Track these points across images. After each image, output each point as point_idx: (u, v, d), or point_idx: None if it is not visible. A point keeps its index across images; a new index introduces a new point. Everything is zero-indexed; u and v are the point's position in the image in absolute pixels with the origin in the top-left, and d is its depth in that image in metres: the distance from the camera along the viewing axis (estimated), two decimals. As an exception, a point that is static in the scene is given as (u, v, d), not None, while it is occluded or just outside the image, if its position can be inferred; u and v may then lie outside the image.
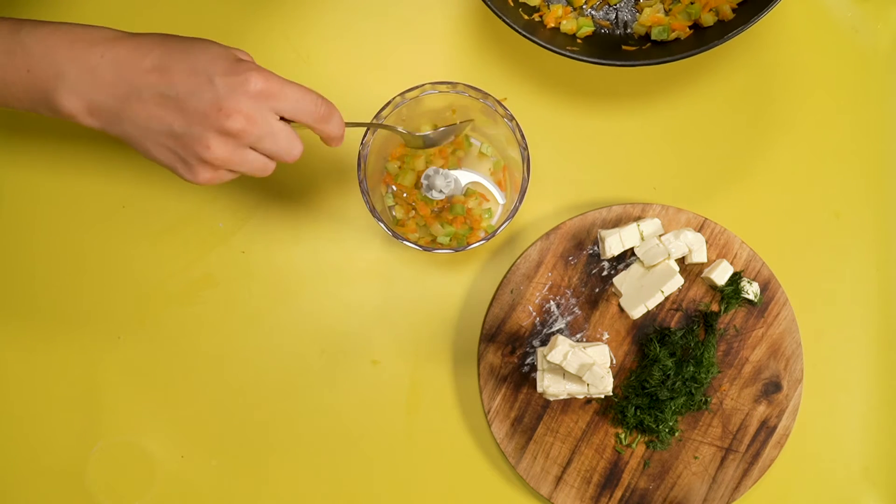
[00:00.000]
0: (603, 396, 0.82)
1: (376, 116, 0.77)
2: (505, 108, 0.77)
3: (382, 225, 0.77)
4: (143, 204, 0.86)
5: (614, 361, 0.84)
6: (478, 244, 0.78)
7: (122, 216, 0.86)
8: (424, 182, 0.77)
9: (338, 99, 0.86)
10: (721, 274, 0.82)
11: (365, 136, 0.77)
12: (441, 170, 0.77)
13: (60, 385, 0.85)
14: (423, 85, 0.77)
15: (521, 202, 0.78)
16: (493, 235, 0.78)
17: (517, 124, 0.77)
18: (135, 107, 0.59)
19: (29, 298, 0.86)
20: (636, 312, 0.81)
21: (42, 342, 0.86)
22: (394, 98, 0.77)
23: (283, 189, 0.86)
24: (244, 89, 0.58)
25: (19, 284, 0.86)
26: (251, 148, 0.61)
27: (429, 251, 0.79)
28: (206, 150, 0.59)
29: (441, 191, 0.77)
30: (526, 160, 0.78)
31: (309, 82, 0.86)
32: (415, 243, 0.77)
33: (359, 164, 0.77)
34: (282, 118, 0.62)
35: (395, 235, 0.77)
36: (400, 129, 0.75)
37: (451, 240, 0.81)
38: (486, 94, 0.77)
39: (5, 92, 0.59)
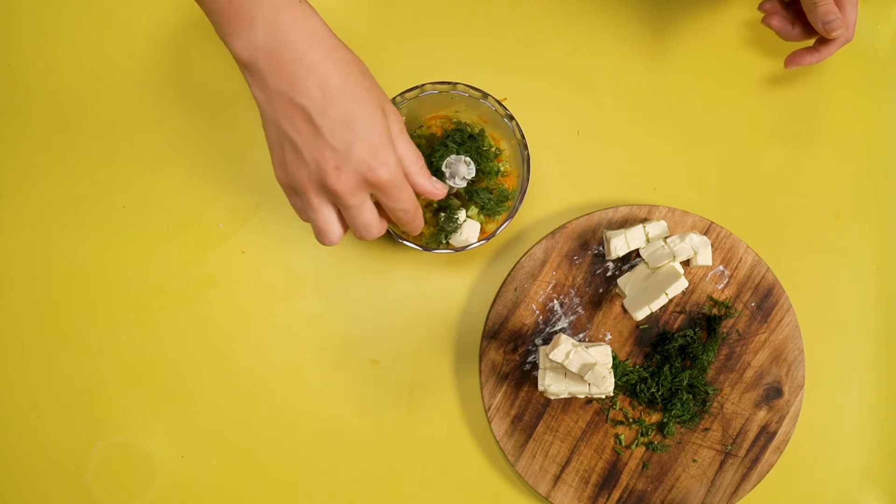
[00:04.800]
0: (604, 396, 0.82)
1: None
2: (505, 108, 0.77)
3: (383, 225, 0.77)
4: (143, 204, 0.86)
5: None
6: (478, 244, 0.78)
7: (122, 216, 0.86)
8: (446, 170, 0.76)
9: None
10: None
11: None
12: (463, 157, 0.77)
13: (60, 385, 0.85)
14: (423, 85, 0.77)
15: (521, 202, 0.78)
16: (493, 235, 0.78)
17: (517, 124, 0.77)
18: (283, 101, 0.59)
19: (29, 298, 0.86)
20: (640, 314, 0.81)
21: (42, 342, 0.85)
22: (394, 98, 0.77)
23: (284, 189, 0.86)
24: (367, 172, 0.60)
25: (19, 284, 0.86)
26: (333, 205, 0.63)
27: (429, 251, 0.79)
28: (301, 181, 0.61)
29: (464, 178, 0.76)
30: (526, 160, 0.78)
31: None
32: (415, 243, 0.77)
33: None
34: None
35: (395, 235, 0.77)
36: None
37: (479, 212, 0.81)
38: (486, 94, 0.77)
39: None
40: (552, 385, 0.77)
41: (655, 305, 0.81)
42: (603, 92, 0.88)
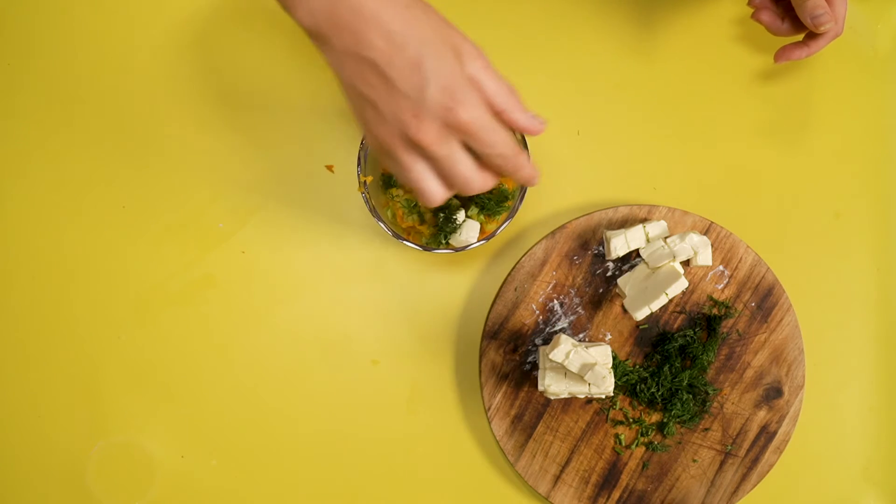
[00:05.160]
0: (604, 396, 0.82)
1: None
2: (505, 108, 0.77)
3: (382, 225, 0.77)
4: (143, 204, 0.86)
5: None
6: (478, 244, 0.78)
7: (122, 216, 0.86)
8: None
9: (338, 100, 0.86)
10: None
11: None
12: None
13: (60, 385, 0.85)
14: (423, 85, 0.77)
15: (521, 202, 0.78)
16: (493, 235, 0.78)
17: (517, 124, 0.77)
18: (351, 59, 0.56)
19: (29, 298, 0.86)
20: (640, 314, 0.81)
21: (42, 342, 0.85)
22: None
23: (283, 189, 0.86)
24: (446, 114, 0.56)
25: (19, 284, 0.86)
26: (426, 161, 0.59)
27: (429, 251, 0.79)
28: (386, 139, 0.58)
29: None
30: (526, 160, 0.77)
31: (309, 82, 0.87)
32: (415, 243, 0.77)
33: (359, 164, 0.77)
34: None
35: (396, 235, 0.77)
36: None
37: (479, 212, 0.80)
38: (487, 94, 0.77)
39: None
40: (552, 385, 0.77)
41: (655, 305, 0.81)
42: (603, 92, 0.88)
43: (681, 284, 0.80)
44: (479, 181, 0.60)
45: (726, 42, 0.89)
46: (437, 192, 0.60)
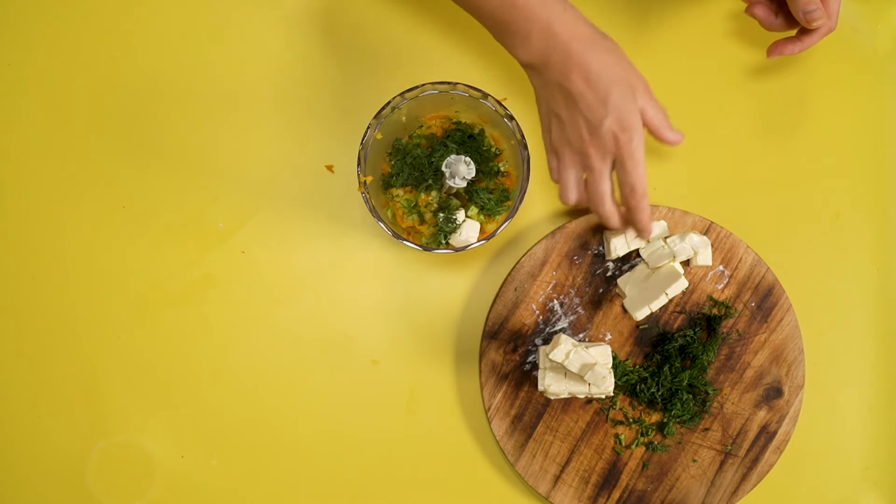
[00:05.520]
0: (604, 396, 0.82)
1: (376, 116, 0.77)
2: (505, 108, 0.77)
3: (382, 225, 0.76)
4: (143, 204, 0.86)
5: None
6: (477, 244, 0.78)
7: (122, 216, 0.86)
8: (447, 170, 0.76)
9: (338, 100, 0.87)
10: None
11: (365, 135, 0.76)
12: (463, 157, 0.76)
13: (60, 385, 0.85)
14: (423, 85, 0.77)
15: (521, 202, 0.78)
16: (493, 235, 0.78)
17: (517, 124, 0.77)
18: (554, 87, 0.71)
19: (29, 298, 0.86)
20: (640, 314, 0.81)
21: (42, 342, 0.85)
22: (394, 98, 0.77)
23: (284, 189, 0.86)
24: (612, 140, 0.70)
25: (19, 284, 0.86)
26: (581, 171, 0.73)
27: (429, 251, 0.79)
28: (561, 145, 0.73)
29: (464, 177, 0.76)
30: (526, 160, 0.78)
31: (309, 82, 0.87)
32: (415, 243, 0.77)
33: (359, 164, 0.77)
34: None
35: (396, 235, 0.77)
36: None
37: (479, 212, 0.81)
38: (486, 94, 0.77)
39: (482, 4, 0.72)
40: (552, 385, 0.77)
41: (655, 305, 0.81)
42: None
43: (681, 284, 0.80)
44: (609, 204, 0.73)
45: (724, 40, 0.89)
46: (574, 194, 0.74)
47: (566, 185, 0.74)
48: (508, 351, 0.84)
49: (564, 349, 0.75)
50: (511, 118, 0.77)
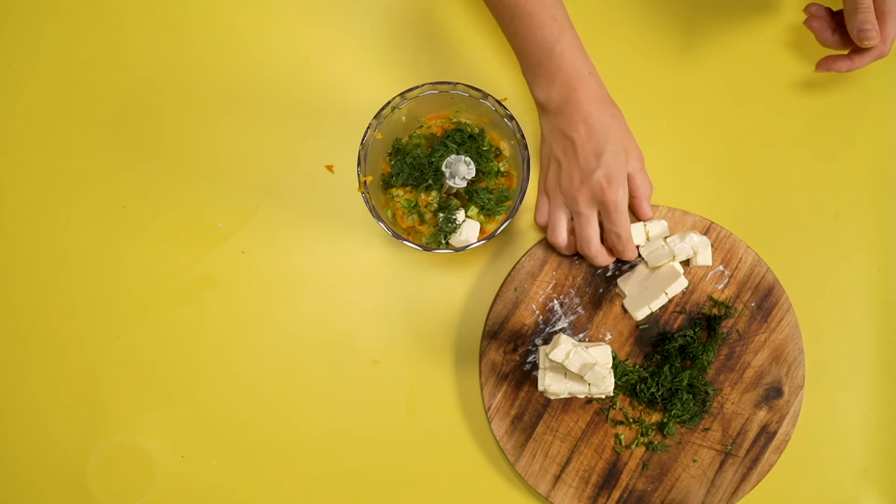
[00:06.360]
0: (604, 396, 0.82)
1: (376, 116, 0.77)
2: (505, 108, 0.77)
3: (382, 225, 0.76)
4: (143, 204, 0.86)
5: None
6: (477, 244, 0.78)
7: (122, 216, 0.86)
8: (447, 170, 0.76)
9: (338, 99, 0.87)
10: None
11: (365, 135, 0.76)
12: (463, 157, 0.76)
13: (60, 385, 0.85)
14: (422, 85, 0.77)
15: (521, 202, 0.78)
16: (493, 235, 0.78)
17: (517, 124, 0.77)
18: (559, 133, 0.80)
19: (29, 298, 0.86)
20: (640, 314, 0.81)
21: (42, 342, 0.85)
22: (393, 98, 0.77)
23: (283, 189, 0.86)
24: (599, 192, 0.78)
25: (19, 284, 0.86)
26: (569, 215, 0.82)
27: (429, 251, 0.79)
28: (554, 188, 0.82)
29: (464, 178, 0.76)
30: (526, 160, 0.78)
31: (309, 83, 0.87)
32: (415, 243, 0.77)
33: (359, 164, 0.77)
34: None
35: (396, 235, 0.77)
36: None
37: (479, 212, 0.81)
38: (486, 94, 0.77)
39: (524, 42, 0.79)
40: (552, 385, 0.77)
41: (655, 305, 0.81)
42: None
43: (681, 284, 0.80)
44: (595, 247, 0.81)
45: (725, 44, 0.89)
46: (563, 235, 0.82)
47: (555, 225, 0.82)
48: (508, 351, 0.84)
49: (564, 349, 0.75)
50: (511, 118, 0.77)
